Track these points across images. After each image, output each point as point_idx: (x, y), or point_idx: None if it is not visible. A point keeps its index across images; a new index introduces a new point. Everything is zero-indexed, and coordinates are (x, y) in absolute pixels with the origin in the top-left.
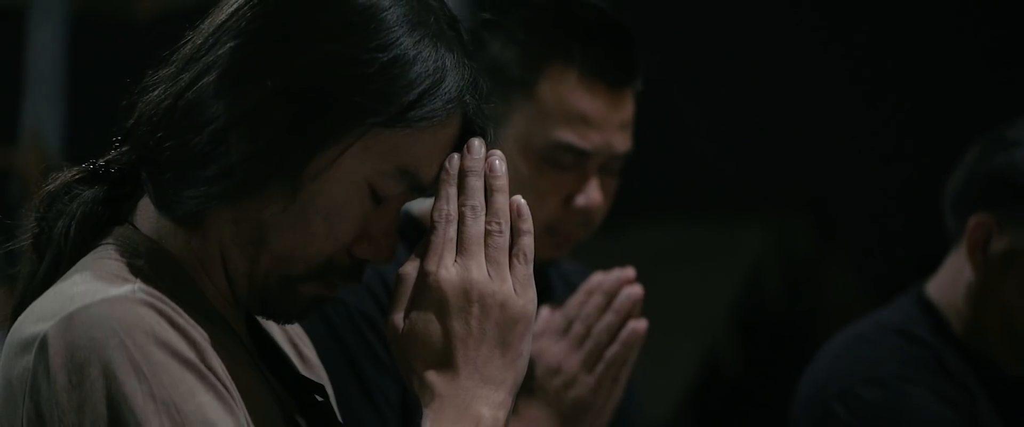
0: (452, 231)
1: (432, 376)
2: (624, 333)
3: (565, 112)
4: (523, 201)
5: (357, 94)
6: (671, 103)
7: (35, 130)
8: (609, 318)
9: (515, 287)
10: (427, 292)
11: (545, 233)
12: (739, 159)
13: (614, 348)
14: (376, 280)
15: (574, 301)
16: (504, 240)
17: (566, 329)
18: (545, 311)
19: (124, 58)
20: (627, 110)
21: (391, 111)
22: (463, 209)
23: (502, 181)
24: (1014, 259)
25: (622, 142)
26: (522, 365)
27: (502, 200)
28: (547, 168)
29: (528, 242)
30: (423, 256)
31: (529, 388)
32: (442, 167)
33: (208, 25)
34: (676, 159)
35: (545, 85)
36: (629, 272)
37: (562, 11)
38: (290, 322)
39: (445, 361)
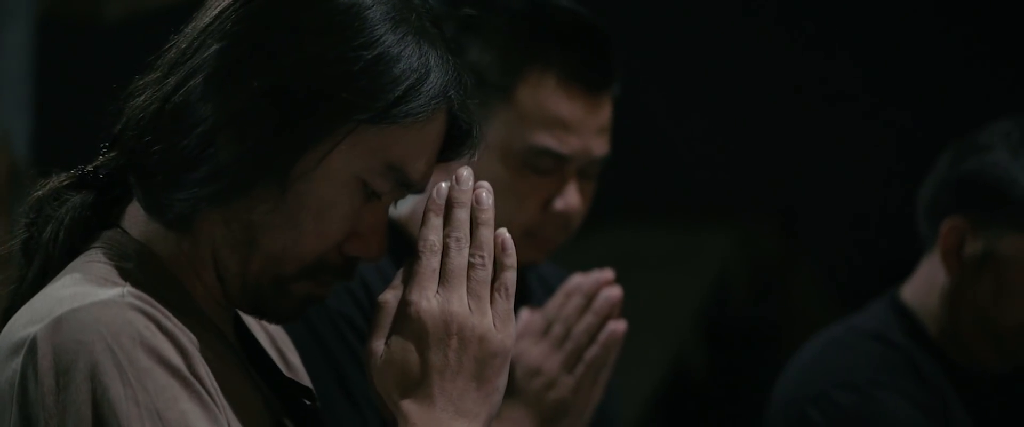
0: (436, 262)
1: (408, 405)
2: (603, 334)
3: (543, 117)
4: (508, 235)
5: (343, 92)
6: (641, 108)
7: (3, 132)
8: (589, 319)
9: (495, 321)
10: (407, 322)
11: (524, 237)
12: (708, 165)
13: (594, 349)
14: (358, 284)
15: (553, 303)
16: (487, 274)
17: (546, 331)
18: (524, 313)
19: (93, 59)
20: (605, 114)
21: (377, 108)
22: (448, 240)
23: (488, 214)
24: (988, 261)
25: (600, 146)
26: (497, 399)
27: (487, 233)
28: (526, 172)
29: (511, 277)
30: (405, 285)
31: (509, 389)
32: (429, 195)
33: (192, 29)
34: (645, 164)
35: (523, 90)
36: (608, 274)
37: (540, 16)
38: (283, 323)
39: (421, 391)
